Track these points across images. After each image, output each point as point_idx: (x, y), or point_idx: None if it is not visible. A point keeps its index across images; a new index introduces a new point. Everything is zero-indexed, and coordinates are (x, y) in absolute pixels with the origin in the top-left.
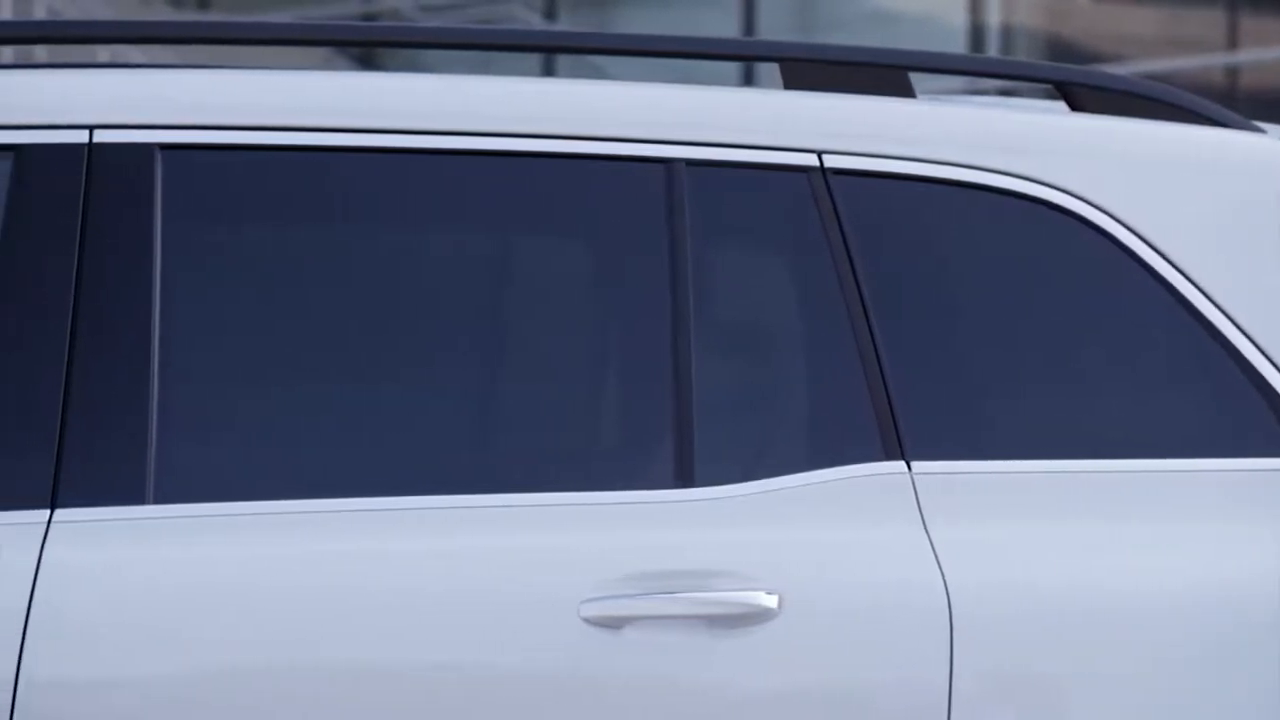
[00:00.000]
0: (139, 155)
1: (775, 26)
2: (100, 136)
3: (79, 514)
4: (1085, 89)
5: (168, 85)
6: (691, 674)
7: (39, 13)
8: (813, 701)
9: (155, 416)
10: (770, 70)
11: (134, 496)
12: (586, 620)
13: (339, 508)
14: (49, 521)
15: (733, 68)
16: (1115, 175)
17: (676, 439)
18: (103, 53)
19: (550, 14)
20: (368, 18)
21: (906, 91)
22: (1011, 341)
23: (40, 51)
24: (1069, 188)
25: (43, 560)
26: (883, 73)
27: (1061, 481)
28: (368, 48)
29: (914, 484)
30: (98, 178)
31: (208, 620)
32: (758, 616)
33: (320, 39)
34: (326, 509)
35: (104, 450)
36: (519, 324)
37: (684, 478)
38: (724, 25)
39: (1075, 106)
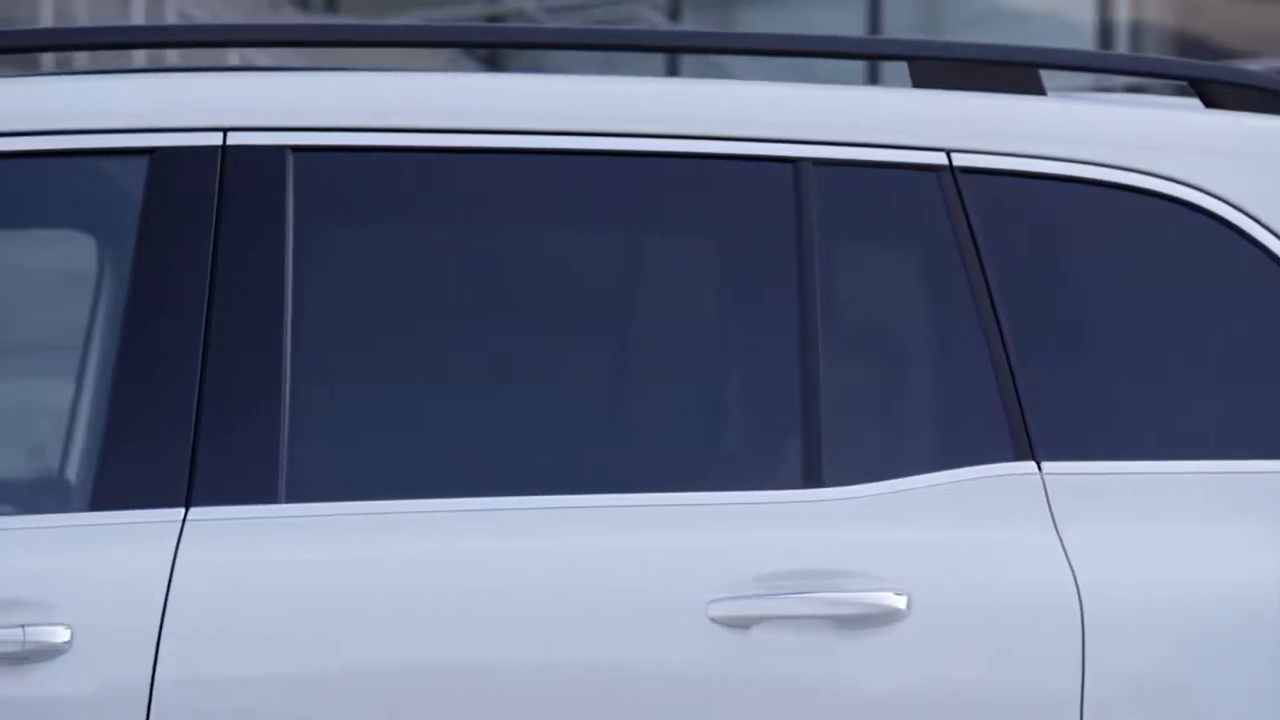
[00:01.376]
0: (271, 157)
1: (901, 25)
2: (234, 139)
3: (213, 512)
4: (1222, 85)
5: (299, 88)
6: (819, 674)
7: (170, 17)
8: (941, 704)
9: (287, 416)
10: (895, 70)
11: (266, 495)
12: (714, 620)
13: (469, 507)
14: (184, 520)
15: (857, 67)
16: (1252, 173)
17: (805, 439)
18: (232, 55)
19: (674, 14)
20: (492, 19)
21: (1037, 89)
22: (1144, 341)
23: (171, 55)
24: (1205, 186)
25: (178, 558)
26: (1013, 70)
27: (1195, 483)
28: (493, 49)
29: (1044, 485)
30: (231, 179)
31: (340, 620)
32: (886, 617)
33: (446, 41)
34: (456, 508)
35: (237, 449)
36: (647, 324)
37: (812, 478)
38: (849, 24)
39: (1210, 103)
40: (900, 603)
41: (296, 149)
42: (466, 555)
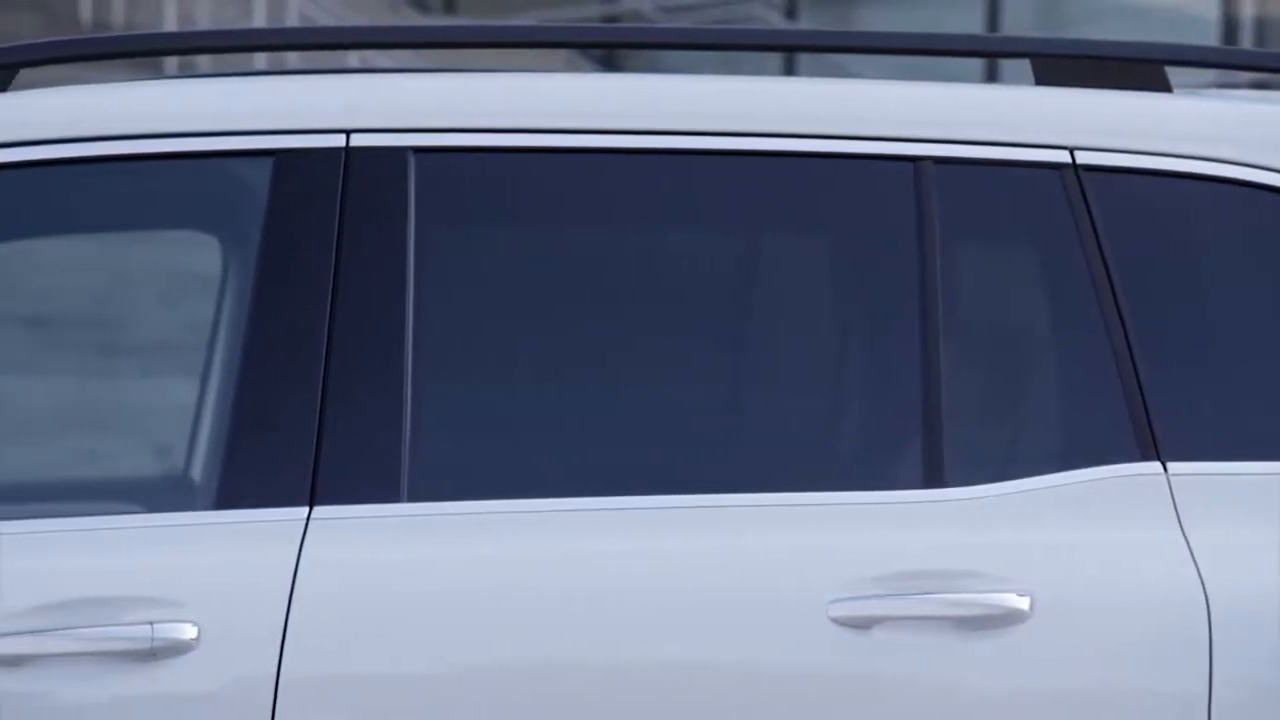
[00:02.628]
0: (393, 158)
1: (1020, 22)
2: (356, 140)
3: (336, 511)
4: None
5: (421, 89)
6: (941, 675)
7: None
8: (1064, 706)
9: (409, 416)
10: (1013, 68)
11: (389, 495)
12: (835, 620)
13: (588, 507)
14: (308, 519)
15: (975, 65)
16: None
17: (926, 439)
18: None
19: (791, 13)
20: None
21: (1162, 86)
22: (1270, 340)
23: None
24: None
25: (302, 557)
26: (1137, 67)
27: None
28: (609, 49)
29: (1170, 485)
30: (354, 181)
31: (462, 619)
32: (1009, 618)
33: (563, 41)
34: (576, 508)
35: (360, 449)
36: (767, 324)
37: (934, 478)
38: (967, 21)
39: None
40: (1023, 604)
41: (418, 150)
42: (588, 555)
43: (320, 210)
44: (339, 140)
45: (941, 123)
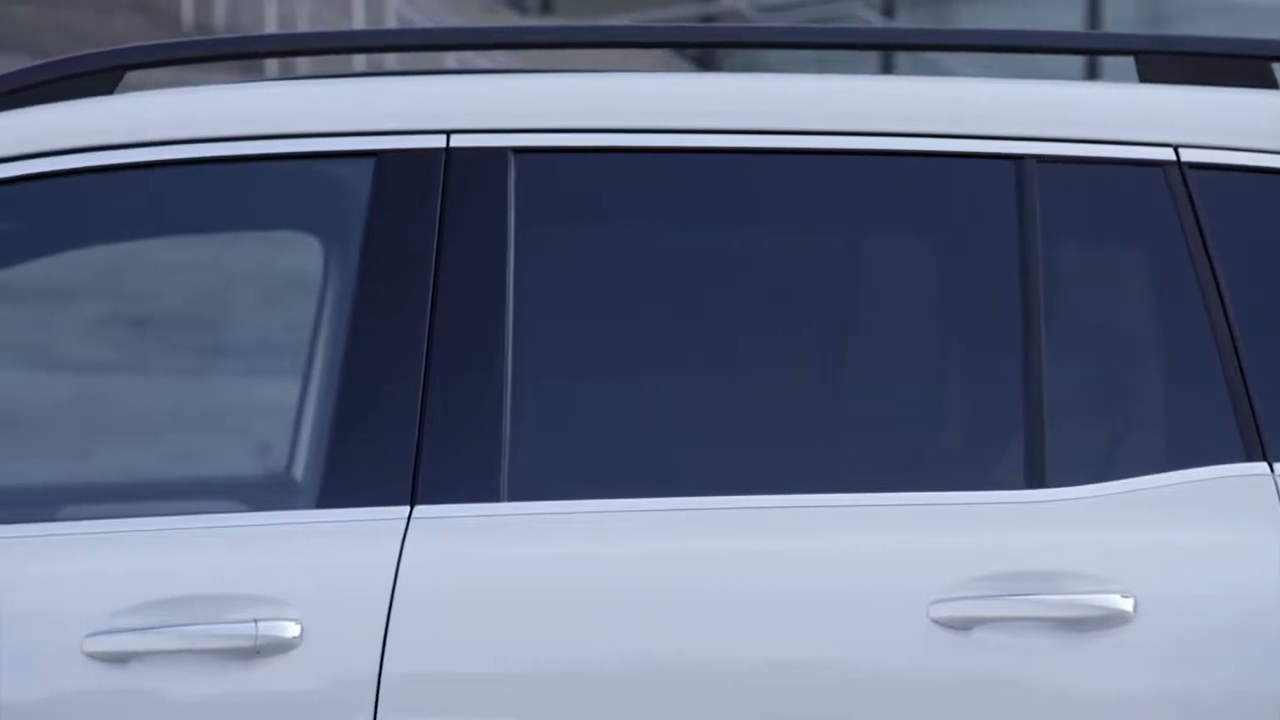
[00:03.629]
0: (493, 159)
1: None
2: (457, 141)
3: (437, 511)
4: None
5: (521, 90)
6: (1042, 677)
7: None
8: (1167, 708)
9: (509, 416)
10: (1115, 66)
11: (489, 494)
12: (936, 621)
13: (688, 506)
14: (408, 518)
15: (1075, 63)
16: None
17: (1028, 439)
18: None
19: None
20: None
21: (1269, 83)
22: None
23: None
24: None
25: (403, 556)
26: (1244, 64)
27: None
28: (706, 49)
29: (1277, 486)
30: (454, 181)
31: (561, 618)
32: (1112, 620)
33: (660, 41)
34: (676, 507)
35: (461, 449)
36: (868, 324)
37: (1035, 478)
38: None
39: None
40: (1127, 605)
41: (518, 150)
42: (686, 555)
43: (421, 210)
44: (440, 141)
45: (1045, 121)
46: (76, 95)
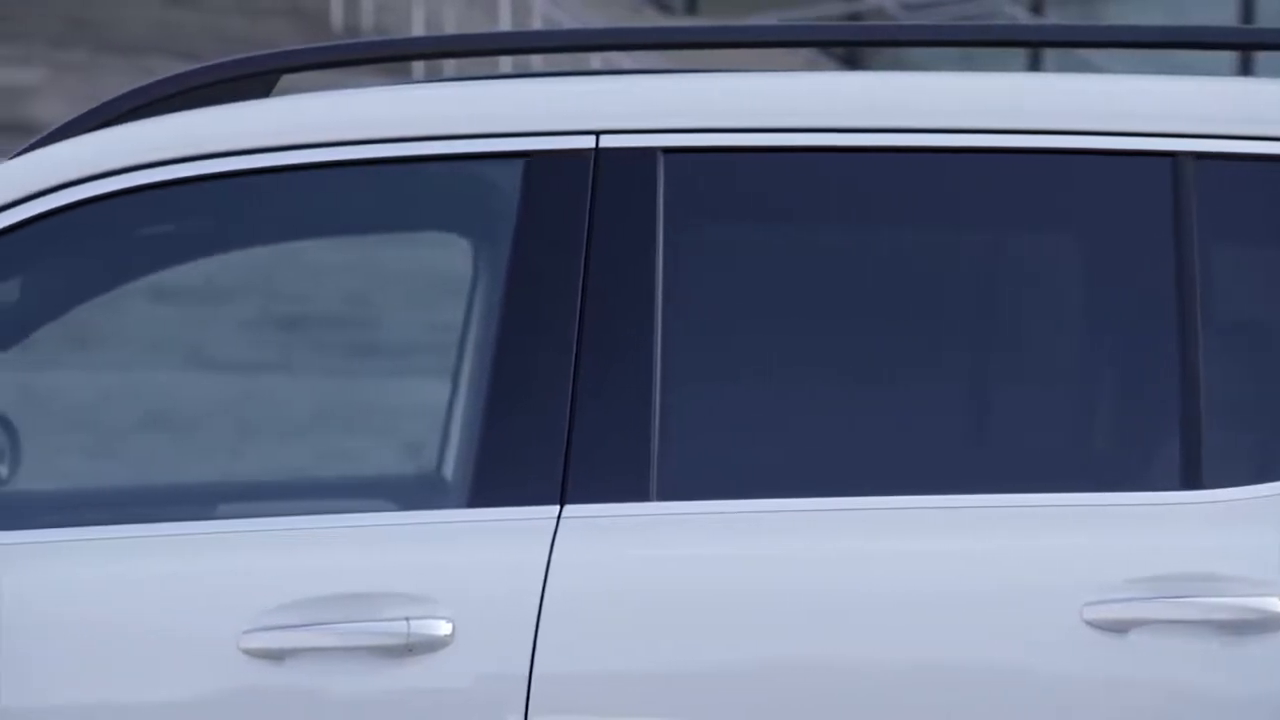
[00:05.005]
0: (643, 158)
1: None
2: (606, 141)
3: (586, 510)
4: None
5: (669, 90)
6: (1199, 681)
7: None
8: None
9: (658, 416)
10: (1269, 61)
11: (639, 494)
12: (1089, 623)
13: (837, 506)
14: (558, 518)
15: (1226, 59)
16: None
17: (1183, 439)
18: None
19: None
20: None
21: None
22: None
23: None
24: None
25: (553, 555)
26: None
27: None
28: (852, 48)
29: None
30: (604, 181)
31: (711, 618)
32: (1270, 624)
33: (806, 40)
34: (825, 508)
35: (610, 448)
36: (1020, 323)
37: (1191, 479)
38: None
39: None
40: None
41: (667, 150)
42: (835, 555)
43: (570, 211)
44: (589, 141)
45: (1202, 117)
46: (233, 99)
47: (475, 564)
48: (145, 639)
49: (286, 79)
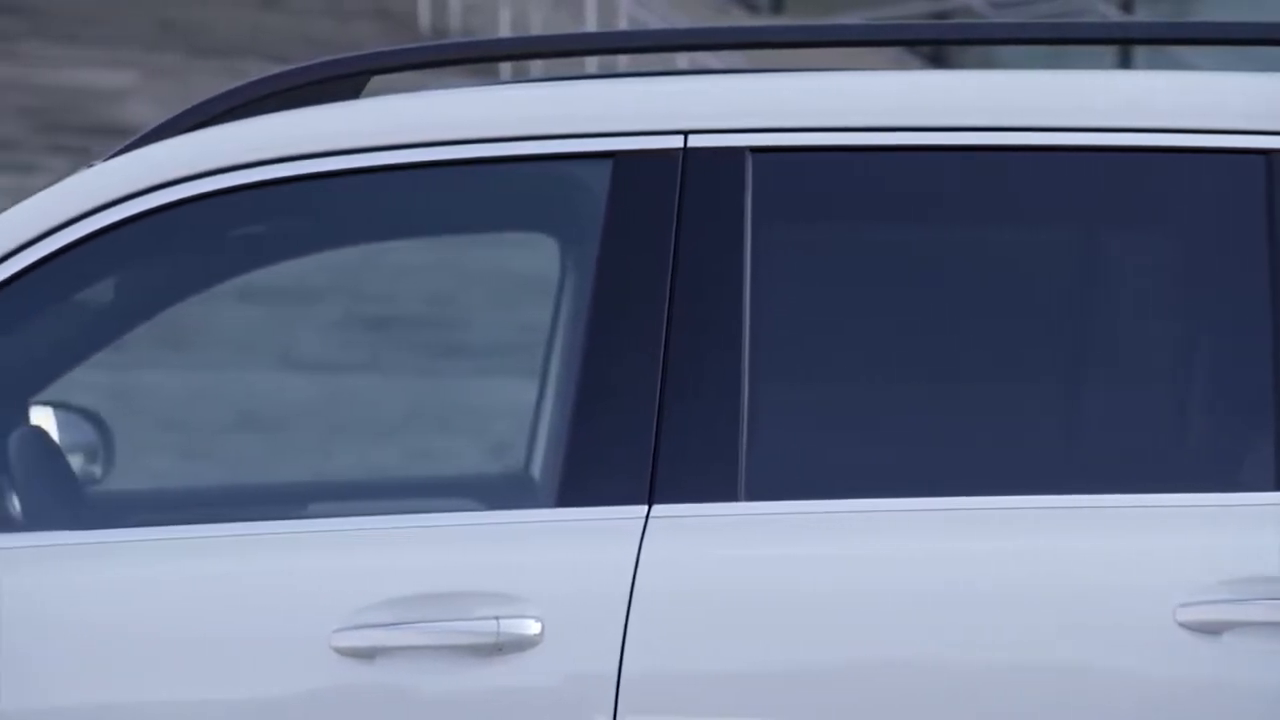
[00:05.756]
0: (731, 158)
1: None
2: (694, 141)
3: (674, 510)
4: None
5: (757, 89)
6: None
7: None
8: None
9: (746, 415)
10: None
11: (727, 494)
12: (1182, 625)
13: (926, 506)
14: (646, 517)
15: None
16: None
17: (1278, 440)
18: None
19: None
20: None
21: None
22: None
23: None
24: None
25: (641, 555)
26: None
27: None
28: (938, 46)
29: None
30: (692, 181)
31: (800, 618)
32: None
33: (893, 39)
34: (914, 508)
35: (698, 448)
36: (1109, 322)
37: None
38: None
39: None
40: None
41: (755, 150)
42: (924, 556)
43: (658, 211)
44: (677, 141)
45: None
46: (324, 100)
47: (564, 563)
48: (238, 638)
49: (375, 80)
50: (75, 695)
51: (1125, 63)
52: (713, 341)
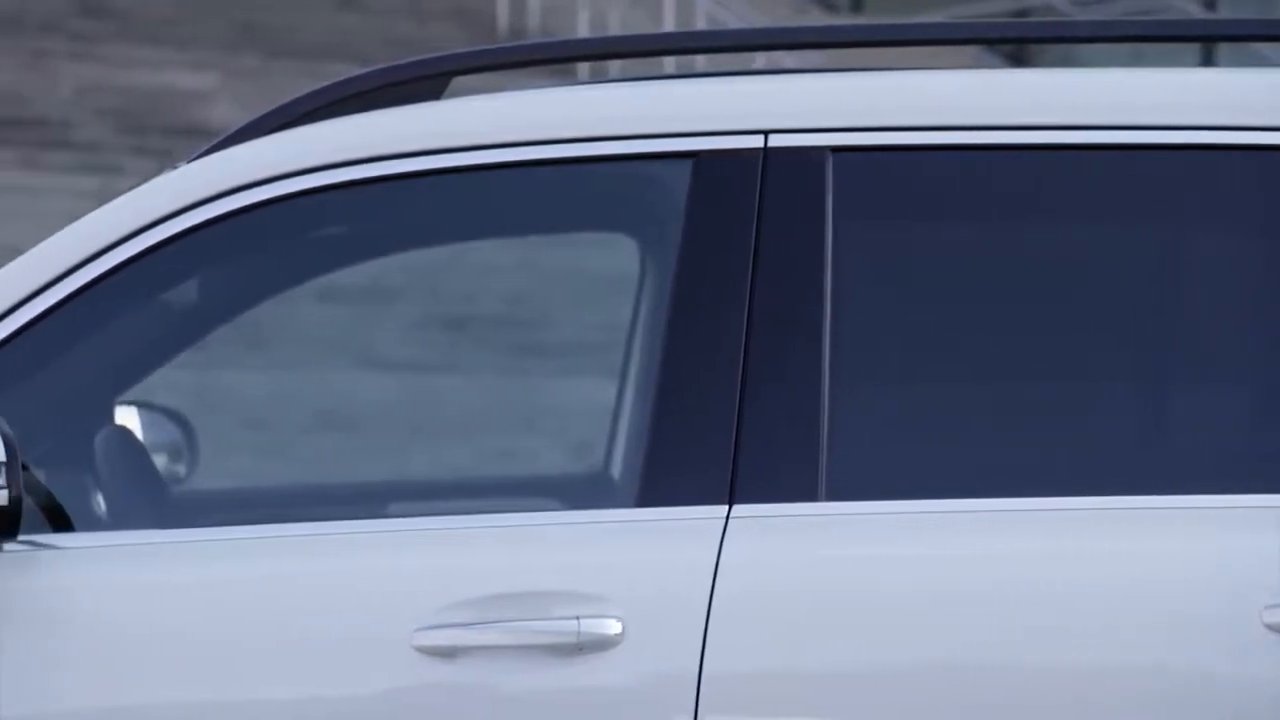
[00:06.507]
0: (812, 158)
1: None
2: (775, 141)
3: (755, 510)
4: None
5: (838, 89)
6: None
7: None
8: None
9: (827, 415)
10: None
11: (807, 494)
12: (1269, 626)
13: (1008, 507)
14: (727, 517)
15: None
16: None
17: None
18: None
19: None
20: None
21: None
22: None
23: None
24: None
25: (722, 555)
26: None
27: None
28: (1019, 45)
29: None
30: (772, 181)
31: (882, 618)
32: None
33: (972, 38)
34: (994, 508)
35: (778, 448)
36: (1194, 322)
37: None
38: None
39: None
40: None
41: (836, 149)
42: (1006, 556)
43: (739, 211)
44: (758, 141)
45: None
46: (406, 101)
47: (644, 563)
48: (320, 637)
49: (453, 81)
50: (161, 694)
51: (1208, 60)
52: (793, 341)
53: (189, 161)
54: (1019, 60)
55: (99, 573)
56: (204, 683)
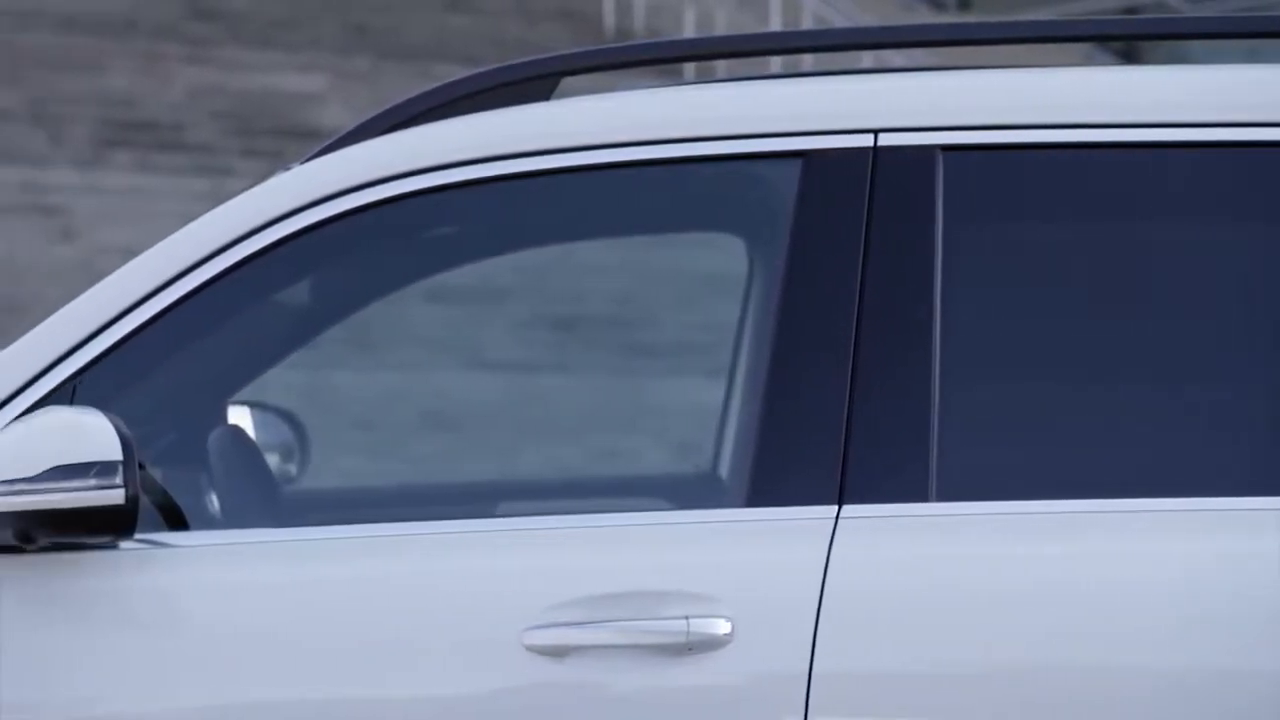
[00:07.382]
0: (921, 157)
1: None
2: (885, 140)
3: (864, 510)
4: None
5: (947, 87)
6: None
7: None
8: None
9: (937, 415)
10: None
11: (917, 494)
12: None
13: (1118, 508)
14: (836, 517)
15: None
16: None
17: None
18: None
19: None
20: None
21: None
22: None
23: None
24: None
25: (831, 555)
26: None
27: None
28: (1130, 42)
29: None
30: (882, 180)
31: (993, 619)
32: None
33: (1081, 35)
34: (1106, 509)
35: (888, 448)
36: None
37: None
38: None
39: None
40: None
41: (946, 148)
42: (1119, 556)
43: (848, 210)
44: (867, 140)
45: None
46: (517, 102)
47: (754, 563)
48: (431, 635)
49: (563, 81)
50: (276, 692)
51: None
52: (903, 341)
53: (303, 162)
54: (1130, 57)
55: (214, 571)
56: (318, 680)
